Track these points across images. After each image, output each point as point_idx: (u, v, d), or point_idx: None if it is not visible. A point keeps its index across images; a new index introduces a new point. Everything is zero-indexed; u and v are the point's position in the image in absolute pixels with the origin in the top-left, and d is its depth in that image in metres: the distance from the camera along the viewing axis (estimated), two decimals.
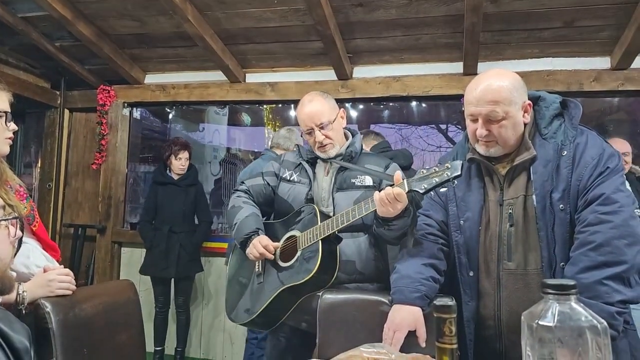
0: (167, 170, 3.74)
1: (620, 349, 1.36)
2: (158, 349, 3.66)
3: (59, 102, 4.61)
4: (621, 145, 3.13)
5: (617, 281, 1.27)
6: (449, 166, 1.46)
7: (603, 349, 0.74)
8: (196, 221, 3.79)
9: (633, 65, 3.33)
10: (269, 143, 3.46)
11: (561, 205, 1.40)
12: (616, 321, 1.25)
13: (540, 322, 0.76)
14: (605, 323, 0.78)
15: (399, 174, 1.57)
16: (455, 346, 0.72)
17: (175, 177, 3.73)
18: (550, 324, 0.75)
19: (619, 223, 1.31)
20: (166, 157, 3.72)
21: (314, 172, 1.95)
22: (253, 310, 1.86)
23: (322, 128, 1.87)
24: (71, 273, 1.46)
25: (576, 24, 3.11)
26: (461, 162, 1.47)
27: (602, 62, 3.42)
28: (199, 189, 3.80)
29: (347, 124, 2.03)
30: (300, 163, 1.99)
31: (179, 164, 3.68)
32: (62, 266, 1.50)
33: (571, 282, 0.78)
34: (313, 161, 1.98)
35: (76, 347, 1.37)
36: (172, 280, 3.70)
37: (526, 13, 3.04)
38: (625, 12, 2.96)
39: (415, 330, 1.45)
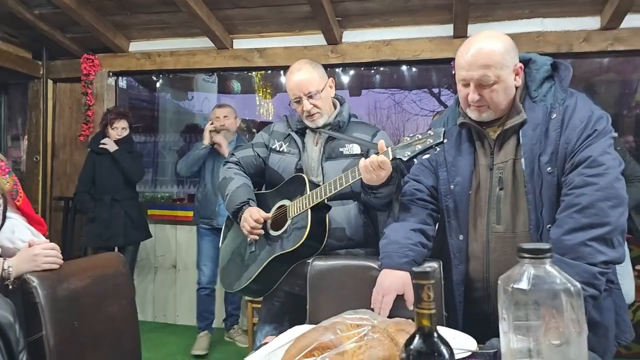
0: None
1: (605, 307, 1.40)
2: None
3: (41, 72, 4.49)
4: None
5: (600, 242, 1.28)
6: (432, 133, 1.47)
7: (577, 310, 0.75)
8: (138, 188, 3.82)
9: (622, 25, 3.29)
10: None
11: (549, 168, 1.40)
12: (598, 281, 1.27)
13: (515, 286, 0.77)
14: (579, 285, 0.79)
15: (382, 142, 1.57)
16: (433, 311, 0.73)
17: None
18: (525, 287, 0.76)
19: (604, 185, 1.31)
20: (103, 126, 3.72)
21: (303, 143, 1.95)
22: (246, 278, 1.90)
23: (310, 97, 1.86)
24: (57, 247, 1.45)
25: None
26: (443, 129, 1.48)
27: (592, 22, 3.37)
28: (136, 156, 3.74)
29: (338, 89, 2.02)
30: (290, 134, 1.99)
31: (115, 133, 3.66)
32: (48, 240, 1.50)
33: (546, 246, 0.79)
34: (302, 132, 1.98)
35: (66, 320, 1.38)
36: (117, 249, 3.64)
37: None
38: None
39: (403, 295, 1.47)
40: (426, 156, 1.54)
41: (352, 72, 4.66)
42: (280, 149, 1.98)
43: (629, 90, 4.75)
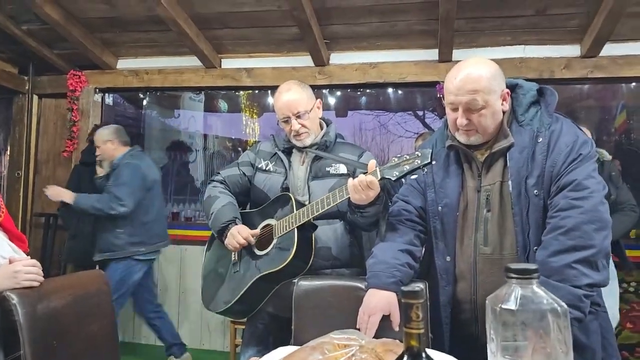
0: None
1: (591, 330, 1.41)
2: None
3: (27, 87, 4.45)
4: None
5: (585, 265, 1.30)
6: (419, 154, 1.49)
7: (563, 330, 0.76)
8: None
9: (602, 53, 3.40)
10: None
11: (535, 191, 1.42)
12: (583, 304, 1.28)
13: (503, 306, 0.77)
14: (566, 306, 0.79)
15: (373, 162, 1.59)
16: (422, 331, 0.73)
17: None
18: (513, 308, 0.77)
19: (588, 208, 1.34)
20: (90, 141, 3.69)
21: (289, 162, 1.96)
22: (230, 298, 1.87)
23: (298, 117, 1.88)
24: (38, 264, 1.42)
25: (548, 12, 3.15)
26: (430, 150, 1.49)
27: (572, 50, 3.48)
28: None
29: (324, 110, 2.03)
30: (276, 153, 1.99)
31: None
32: (29, 257, 1.46)
33: (533, 267, 0.79)
34: (289, 151, 1.98)
35: (45, 339, 1.34)
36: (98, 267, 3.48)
37: (500, 0, 3.06)
38: (595, 0, 3.01)
39: (389, 315, 1.47)
40: (414, 176, 1.56)
41: (338, 93, 4.72)
42: (267, 168, 1.98)
43: (609, 117, 4.89)
